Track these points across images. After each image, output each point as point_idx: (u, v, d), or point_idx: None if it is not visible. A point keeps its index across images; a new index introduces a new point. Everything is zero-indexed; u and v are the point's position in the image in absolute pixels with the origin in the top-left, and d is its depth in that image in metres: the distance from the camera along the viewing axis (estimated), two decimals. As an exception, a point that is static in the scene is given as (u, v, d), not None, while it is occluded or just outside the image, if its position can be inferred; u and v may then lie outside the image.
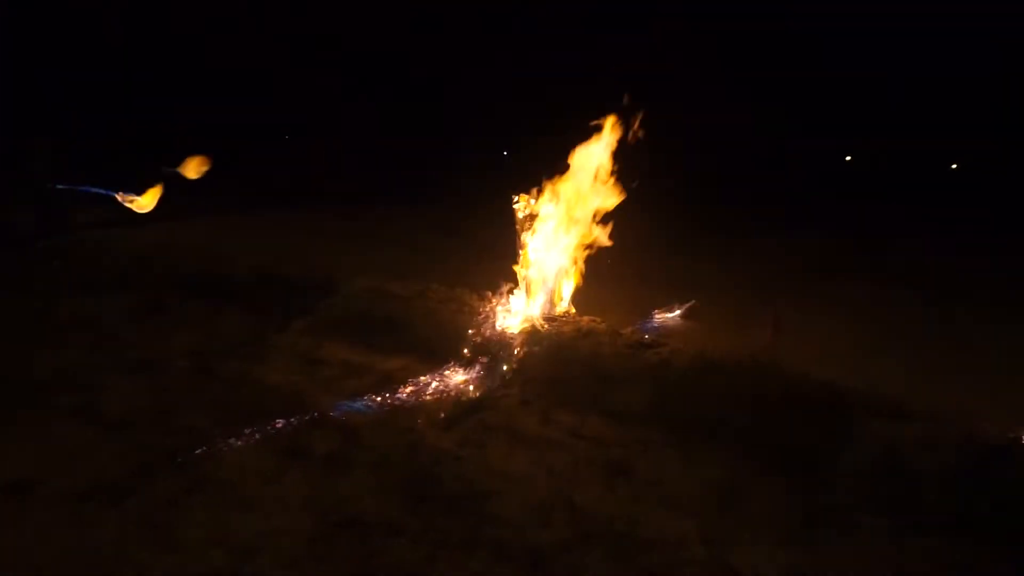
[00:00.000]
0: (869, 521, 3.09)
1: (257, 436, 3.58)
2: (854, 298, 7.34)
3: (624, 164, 5.36)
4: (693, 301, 6.47)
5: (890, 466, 3.31)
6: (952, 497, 3.09)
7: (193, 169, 7.50)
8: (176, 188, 7.60)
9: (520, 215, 5.48)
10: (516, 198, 5.48)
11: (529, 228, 5.47)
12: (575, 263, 5.55)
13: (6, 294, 6.25)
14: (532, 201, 5.46)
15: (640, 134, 5.31)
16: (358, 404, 4.13)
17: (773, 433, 3.69)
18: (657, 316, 6.39)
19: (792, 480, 3.41)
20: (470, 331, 5.01)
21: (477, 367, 4.75)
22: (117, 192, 7.65)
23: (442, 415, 4.04)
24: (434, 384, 4.52)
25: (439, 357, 4.91)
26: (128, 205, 7.71)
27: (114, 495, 2.99)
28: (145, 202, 7.71)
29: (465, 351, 4.88)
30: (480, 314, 5.20)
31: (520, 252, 5.51)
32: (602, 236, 5.44)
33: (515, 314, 5.20)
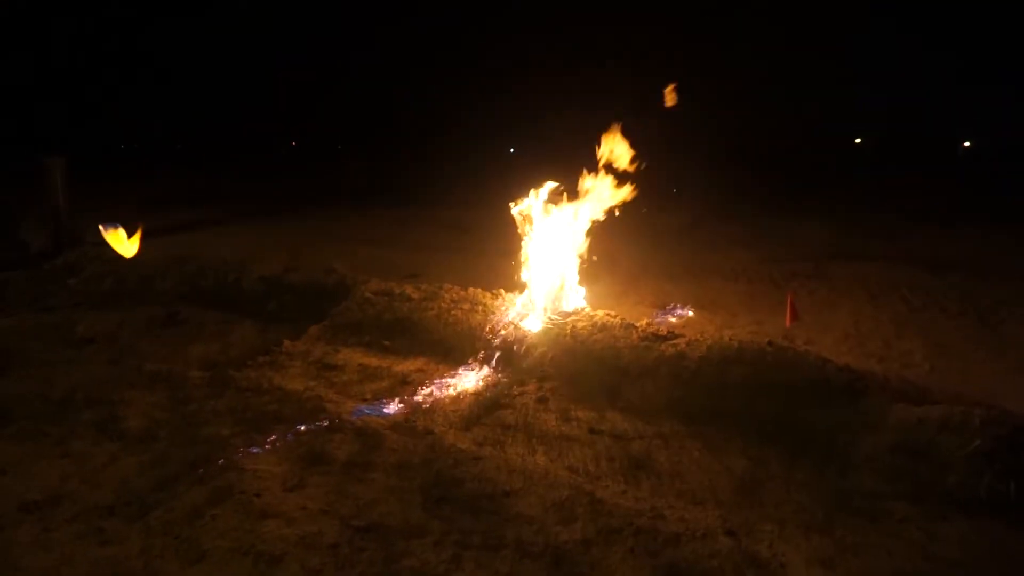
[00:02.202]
0: (896, 507, 3.05)
1: (277, 444, 3.59)
2: (872, 281, 7.26)
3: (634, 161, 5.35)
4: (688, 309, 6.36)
5: (915, 450, 3.26)
6: (980, 480, 3.04)
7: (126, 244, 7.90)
8: (179, 202, 7.74)
9: (521, 217, 5.47)
10: (514, 203, 5.47)
11: (533, 228, 5.46)
12: (584, 258, 5.54)
13: (24, 312, 6.31)
14: (534, 202, 5.44)
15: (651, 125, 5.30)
16: (376, 408, 4.13)
17: (794, 421, 3.66)
18: (669, 309, 6.35)
19: (816, 468, 3.38)
20: (485, 330, 5.00)
21: (493, 366, 4.74)
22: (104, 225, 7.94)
23: (460, 416, 4.04)
24: (451, 385, 4.52)
25: (455, 358, 4.91)
26: (106, 237, 7.95)
27: (139, 509, 3.01)
28: (126, 247, 8.00)
29: (480, 351, 4.88)
30: (494, 313, 5.19)
31: (527, 251, 5.50)
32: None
33: (529, 311, 5.19)
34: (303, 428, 3.77)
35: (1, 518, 2.96)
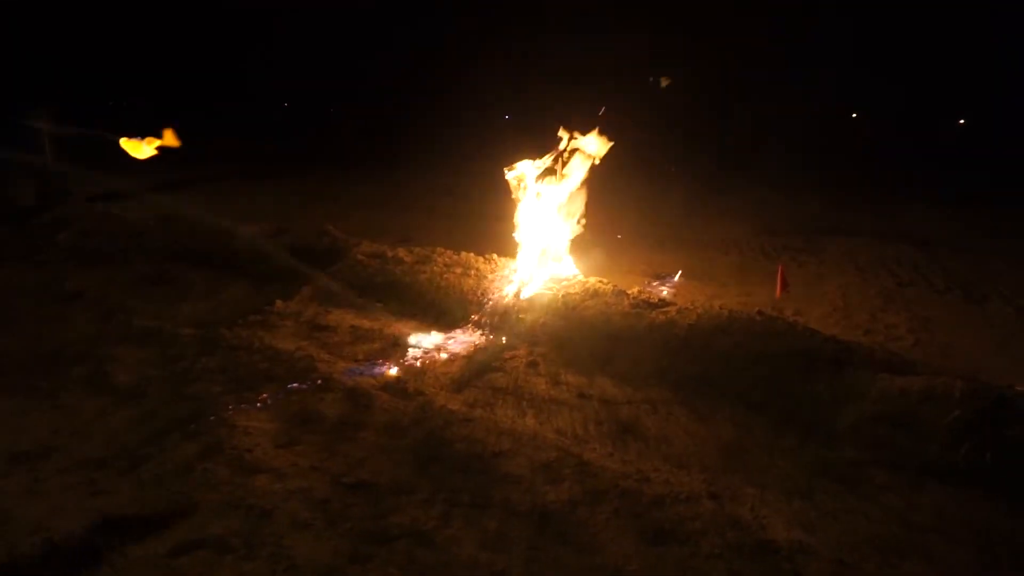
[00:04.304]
0: (876, 475, 3.12)
1: (268, 402, 3.61)
2: (861, 256, 7.30)
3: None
4: (679, 273, 6.43)
5: (896, 420, 3.32)
6: (959, 451, 3.11)
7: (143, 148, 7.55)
8: (171, 161, 7.59)
9: (515, 182, 5.44)
10: (507, 169, 5.43)
11: (527, 193, 5.43)
12: (578, 225, 5.53)
13: (13, 267, 6.26)
14: (527, 169, 5.40)
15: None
16: (368, 369, 4.15)
17: (780, 389, 3.71)
18: (660, 277, 6.39)
19: (800, 436, 3.44)
20: (477, 294, 5.01)
21: (485, 330, 4.76)
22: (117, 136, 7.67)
23: (451, 378, 4.07)
24: (442, 348, 4.54)
25: (447, 321, 4.93)
26: (125, 148, 7.68)
27: (130, 461, 3.03)
28: (143, 149, 7.69)
29: (472, 315, 4.89)
30: (486, 277, 5.19)
31: (520, 216, 5.48)
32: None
33: (522, 276, 5.20)
34: (294, 387, 3.79)
35: (-8, 468, 2.98)
